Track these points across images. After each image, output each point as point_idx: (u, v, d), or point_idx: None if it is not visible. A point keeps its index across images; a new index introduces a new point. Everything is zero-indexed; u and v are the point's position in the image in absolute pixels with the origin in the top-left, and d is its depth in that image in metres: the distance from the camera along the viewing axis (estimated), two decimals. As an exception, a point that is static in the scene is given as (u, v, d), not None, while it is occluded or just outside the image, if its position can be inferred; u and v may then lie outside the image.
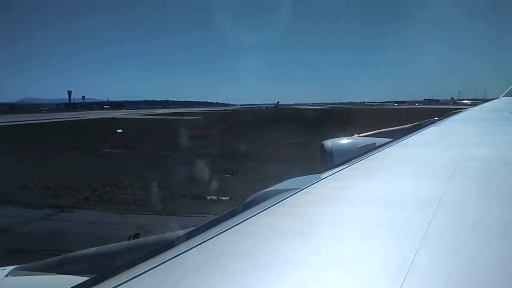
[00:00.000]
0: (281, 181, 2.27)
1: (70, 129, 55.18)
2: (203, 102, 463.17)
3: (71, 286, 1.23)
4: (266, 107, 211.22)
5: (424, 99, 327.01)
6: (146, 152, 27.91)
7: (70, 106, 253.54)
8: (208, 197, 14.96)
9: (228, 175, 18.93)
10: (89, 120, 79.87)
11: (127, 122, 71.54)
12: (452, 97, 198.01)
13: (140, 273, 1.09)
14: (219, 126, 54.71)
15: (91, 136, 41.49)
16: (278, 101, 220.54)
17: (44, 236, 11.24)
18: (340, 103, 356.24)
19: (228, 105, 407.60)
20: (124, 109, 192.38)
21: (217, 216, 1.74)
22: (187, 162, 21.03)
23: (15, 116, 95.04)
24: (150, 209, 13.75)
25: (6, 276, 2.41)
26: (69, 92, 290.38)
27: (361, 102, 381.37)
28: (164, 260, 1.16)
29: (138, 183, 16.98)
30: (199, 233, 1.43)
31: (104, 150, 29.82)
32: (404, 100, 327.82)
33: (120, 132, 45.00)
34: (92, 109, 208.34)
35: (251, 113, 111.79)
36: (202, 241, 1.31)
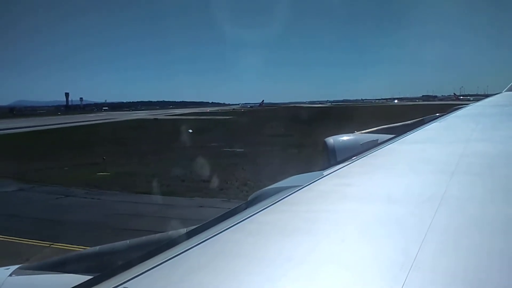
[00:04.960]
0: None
1: (142, 130, 53.32)
2: (200, 102, 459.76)
3: (75, 285, 1.24)
4: (250, 106, 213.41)
5: (423, 96, 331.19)
6: (273, 151, 26.49)
7: (69, 108, 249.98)
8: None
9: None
10: (139, 121, 79.60)
11: (172, 122, 71.26)
12: (454, 93, 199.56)
13: (143, 271, 1.09)
14: (270, 124, 54.95)
15: (177, 136, 40.65)
16: (263, 100, 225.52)
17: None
18: (335, 101, 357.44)
19: (224, 104, 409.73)
20: (123, 110, 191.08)
21: (220, 214, 1.75)
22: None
23: (44, 119, 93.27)
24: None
25: (10, 275, 2.42)
26: (67, 94, 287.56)
27: (357, 100, 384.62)
28: (167, 258, 1.17)
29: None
30: (202, 231, 1.44)
31: (224, 149, 28.99)
32: (402, 97, 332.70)
33: (192, 132, 45.19)
34: (92, 111, 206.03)
35: (272, 112, 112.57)
36: (205, 239, 1.32)
